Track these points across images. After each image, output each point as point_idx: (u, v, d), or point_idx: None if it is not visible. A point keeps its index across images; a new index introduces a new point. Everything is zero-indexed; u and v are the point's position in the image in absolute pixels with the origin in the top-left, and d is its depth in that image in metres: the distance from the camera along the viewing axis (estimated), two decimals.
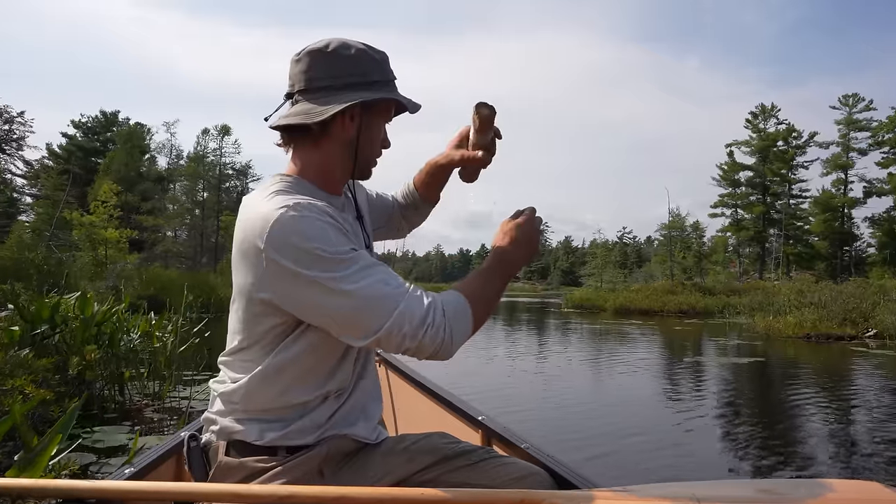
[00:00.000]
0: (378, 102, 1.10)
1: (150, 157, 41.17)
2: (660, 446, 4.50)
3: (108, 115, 44.32)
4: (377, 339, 0.97)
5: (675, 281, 30.52)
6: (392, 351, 1.00)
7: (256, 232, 0.98)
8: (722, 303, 23.65)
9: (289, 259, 0.96)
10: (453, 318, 1.01)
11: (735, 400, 6.67)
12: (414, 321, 0.97)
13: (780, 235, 43.61)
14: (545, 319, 20.92)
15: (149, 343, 5.86)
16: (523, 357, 9.95)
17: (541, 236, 1.20)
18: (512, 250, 1.12)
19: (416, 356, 1.01)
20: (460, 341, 1.03)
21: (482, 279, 1.09)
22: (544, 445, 1.43)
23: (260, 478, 1.07)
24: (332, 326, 1.00)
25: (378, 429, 1.22)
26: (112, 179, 27.35)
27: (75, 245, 20.33)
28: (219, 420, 1.11)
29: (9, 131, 45.88)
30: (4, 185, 40.06)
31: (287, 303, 1.00)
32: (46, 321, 4.74)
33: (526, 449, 1.42)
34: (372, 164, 1.18)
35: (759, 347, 12.08)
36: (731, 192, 46.94)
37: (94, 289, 15.51)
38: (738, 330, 16.01)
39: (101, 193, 22.51)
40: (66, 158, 42.93)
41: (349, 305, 0.96)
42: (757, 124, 46.01)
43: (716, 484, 1.06)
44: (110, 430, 4.23)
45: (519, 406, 5.78)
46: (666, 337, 14.83)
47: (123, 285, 17.35)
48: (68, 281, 13.10)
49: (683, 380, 7.89)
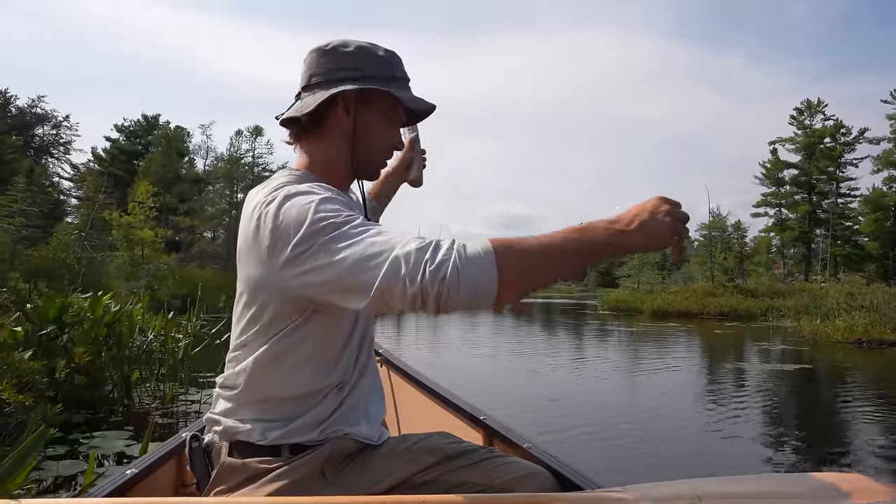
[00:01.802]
0: (371, 95, 1.10)
1: (189, 159, 42.02)
2: (695, 457, 4.13)
3: (150, 119, 45.43)
4: (379, 291, 0.86)
5: (715, 283, 29.58)
6: (402, 306, 0.87)
7: (258, 219, 0.99)
8: (765, 305, 22.78)
9: (290, 238, 0.94)
10: (464, 258, 0.85)
11: (780, 411, 6.19)
12: (410, 260, 0.85)
13: (826, 236, 41.96)
14: (580, 322, 20.42)
15: (163, 344, 5.73)
16: (555, 360, 9.58)
17: (662, 228, 0.94)
18: (605, 225, 0.93)
19: (426, 307, 0.85)
20: (474, 286, 0.85)
21: (537, 237, 0.91)
22: (546, 445, 1.41)
23: (262, 479, 1.04)
24: (335, 294, 0.92)
25: (381, 429, 1.21)
26: (150, 181, 27.88)
27: (112, 245, 20.73)
28: (221, 420, 1.09)
29: (56, 135, 47.68)
30: (52, 187, 41.54)
31: (291, 282, 0.95)
32: (53, 321, 4.62)
33: (528, 449, 1.41)
34: (378, 164, 1.18)
35: (805, 353, 11.43)
36: (775, 191, 45.39)
37: (128, 288, 15.75)
38: (782, 334, 15.31)
39: (138, 195, 22.93)
40: (109, 161, 44.19)
41: (346, 263, 0.89)
42: (802, 120, 44.40)
43: (718, 481, 1.03)
44: (111, 436, 4.07)
45: (553, 411, 5.46)
46: (705, 341, 14.24)
47: (158, 285, 17.61)
48: (102, 281, 13.27)
49: (724, 387, 7.41)
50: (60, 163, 48.02)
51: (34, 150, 45.22)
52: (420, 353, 10.08)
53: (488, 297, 0.86)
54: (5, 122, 41.09)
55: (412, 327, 15.65)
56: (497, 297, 0.87)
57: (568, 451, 4.24)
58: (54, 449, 3.71)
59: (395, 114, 1.16)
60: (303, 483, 1.05)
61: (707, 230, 34.41)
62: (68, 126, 47.81)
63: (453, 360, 9.51)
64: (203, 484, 1.10)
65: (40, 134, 47.11)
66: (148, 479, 1.37)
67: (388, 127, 1.16)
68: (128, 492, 1.29)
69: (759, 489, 0.97)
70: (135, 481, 1.32)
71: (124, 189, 33.89)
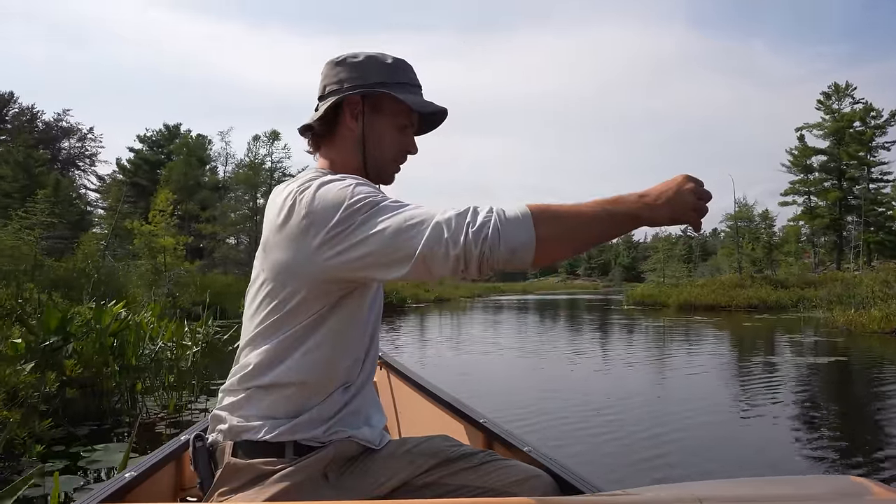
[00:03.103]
0: (380, 101, 1.15)
1: (212, 166, 42.41)
2: (722, 456, 3.88)
3: (171, 128, 45.97)
4: (422, 256, 0.92)
5: (743, 274, 28.90)
6: (444, 270, 0.92)
7: (291, 205, 1.02)
8: (796, 296, 22.17)
9: (329, 218, 0.98)
10: (504, 219, 0.92)
11: (813, 407, 5.88)
12: (451, 224, 0.92)
13: (858, 222, 40.76)
14: (605, 317, 20.07)
15: (173, 352, 5.64)
16: (581, 357, 9.34)
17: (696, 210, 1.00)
18: (653, 197, 0.98)
19: (468, 268, 0.91)
20: (514, 246, 0.92)
21: (571, 204, 0.98)
22: (546, 448, 1.40)
23: (266, 480, 1.05)
24: (376, 267, 0.97)
25: (382, 433, 1.22)
26: (171, 189, 28.15)
27: (134, 254, 20.94)
28: (227, 417, 1.09)
29: (81, 148, 48.58)
30: (78, 198, 42.31)
31: (329, 262, 0.99)
32: (56, 332, 4.55)
33: (528, 452, 1.40)
34: (389, 168, 1.20)
35: (839, 344, 11.00)
36: (804, 179, 44.24)
37: (151, 296, 15.85)
38: (814, 325, 14.83)
39: (159, 203, 23.13)
40: (133, 172, 44.85)
41: (387, 233, 0.94)
42: (830, 105, 43.19)
43: (719, 483, 1.04)
44: (113, 448, 3.96)
45: (578, 407, 5.24)
46: (734, 334, 13.83)
47: (179, 292, 17.72)
48: (122, 290, 13.35)
49: (754, 382, 7.09)
50: (87, 174, 49.06)
51: (61, 163, 46.16)
52: (444, 353, 9.94)
53: (527, 256, 0.92)
54: (32, 137, 42.00)
55: (435, 328, 15.47)
56: (535, 257, 0.93)
57: (597, 451, 4.03)
58: (52, 463, 3.61)
59: (406, 118, 1.18)
60: (305, 485, 1.06)
61: (733, 220, 33.60)
62: (93, 138, 48.78)
63: (481, 360, 9.34)
64: (207, 484, 1.10)
65: (66, 147, 48.10)
66: (147, 483, 1.35)
67: (399, 131, 1.18)
68: (125, 496, 1.27)
69: (762, 492, 0.95)
70: (132, 485, 1.29)
71: (148, 198, 34.32)
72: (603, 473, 3.70)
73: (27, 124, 44.89)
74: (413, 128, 1.21)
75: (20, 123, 45.11)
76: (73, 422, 4.48)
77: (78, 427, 4.41)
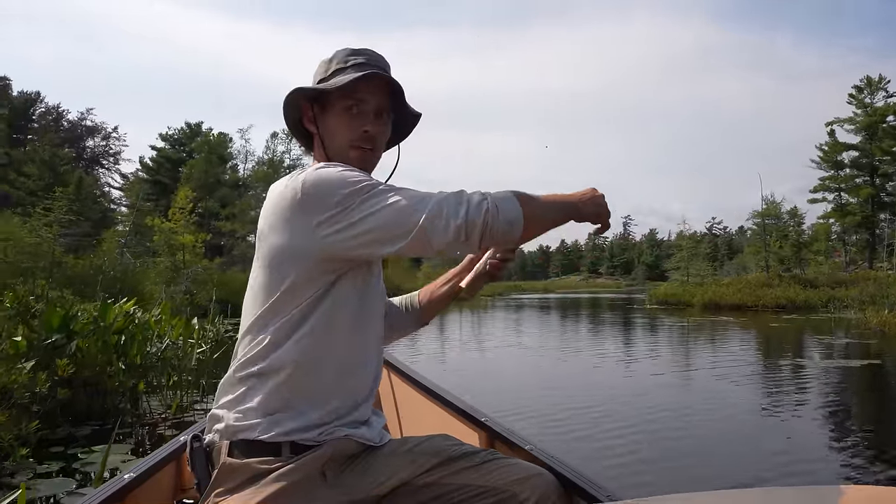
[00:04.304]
0: (327, 96, 1.18)
1: (232, 164, 42.70)
2: (748, 465, 3.62)
3: (193, 126, 46.38)
4: (422, 228, 0.99)
5: (770, 273, 28.22)
6: (443, 242, 1.00)
7: (290, 191, 1.05)
8: (826, 296, 21.53)
9: (330, 197, 1.02)
10: (496, 197, 1.04)
11: (846, 411, 5.56)
12: (450, 201, 1.01)
13: (892, 220, 39.60)
14: (627, 317, 19.69)
15: (180, 350, 5.51)
16: (603, 359, 9.08)
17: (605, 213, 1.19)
18: (579, 196, 1.16)
19: (469, 240, 1.01)
20: (509, 219, 1.03)
21: (540, 195, 1.11)
22: (548, 447, 1.40)
23: (263, 480, 1.05)
24: (375, 243, 1.02)
25: (382, 432, 1.22)
26: (192, 187, 28.35)
27: (153, 251, 21.09)
28: (223, 416, 1.10)
29: (105, 146, 49.30)
30: (102, 196, 42.94)
31: (328, 239, 1.03)
32: (59, 330, 4.43)
33: (529, 450, 1.41)
34: (350, 153, 1.18)
35: (872, 347, 10.56)
36: (834, 175, 43.06)
37: (169, 293, 15.90)
38: (845, 326, 14.33)
39: (179, 200, 23.28)
40: (156, 170, 45.36)
41: (388, 211, 1.00)
42: (862, 99, 41.99)
43: (722, 494, 1.00)
44: (114, 449, 3.82)
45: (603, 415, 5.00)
46: (761, 335, 13.42)
47: (197, 289, 17.77)
48: (138, 287, 13.37)
49: (782, 385, 6.77)
50: (111, 172, 49.78)
51: (86, 161, 46.89)
52: (466, 353, 9.74)
53: (517, 231, 1.04)
54: (58, 136, 42.73)
55: (455, 327, 15.29)
56: (523, 232, 1.05)
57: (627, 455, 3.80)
58: (48, 465, 3.49)
59: (348, 99, 1.17)
60: (303, 484, 1.06)
61: (760, 218, 32.85)
62: (117, 137, 49.48)
63: (508, 357, 9.13)
64: (204, 484, 1.10)
65: (91, 145, 48.83)
66: (146, 484, 1.36)
67: (348, 115, 1.18)
68: (124, 497, 1.26)
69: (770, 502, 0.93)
70: (131, 487, 1.29)
71: (170, 196, 34.65)
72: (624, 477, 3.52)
73: (52, 123, 45.67)
74: (366, 105, 1.18)
75: (46, 123, 45.92)
76: (76, 422, 4.38)
77: (79, 427, 4.30)
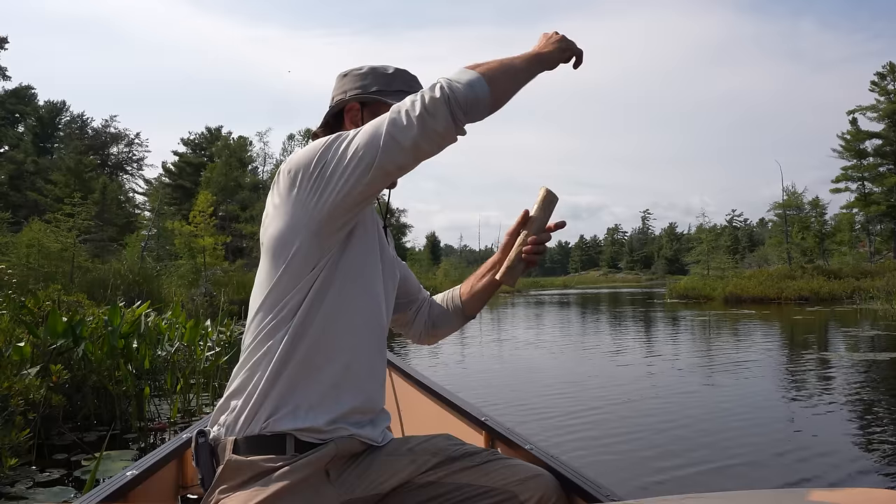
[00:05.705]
0: (378, 108, 1.21)
1: (252, 167, 43.05)
2: (769, 463, 3.50)
3: (213, 131, 46.86)
4: (388, 134, 1.02)
5: (793, 264, 27.71)
6: (412, 132, 1.01)
7: (277, 185, 1.12)
8: (850, 287, 21.15)
9: (308, 166, 1.07)
10: (451, 76, 1.05)
11: (872, 409, 5.38)
12: (405, 102, 1.04)
13: None
14: (647, 312, 19.43)
15: (190, 353, 5.51)
16: (622, 355, 8.94)
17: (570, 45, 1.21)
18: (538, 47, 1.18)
19: (437, 118, 1.01)
20: (468, 84, 1.04)
21: (498, 58, 1.12)
22: (549, 447, 1.39)
23: (266, 477, 1.05)
24: (355, 178, 1.04)
25: (384, 432, 1.23)
26: (212, 191, 28.63)
27: (175, 254, 21.32)
28: (228, 408, 1.11)
29: (129, 153, 50.00)
30: (127, 202, 43.55)
31: (322, 198, 1.06)
32: (64, 335, 4.44)
33: (530, 450, 1.41)
34: None
35: None
36: (857, 164, 42.11)
37: (190, 295, 16.05)
38: (871, 318, 14.00)
39: (200, 204, 23.51)
40: (178, 174, 45.92)
41: (358, 138, 1.05)
42: (885, 86, 41.00)
43: (722, 496, 1.01)
44: (115, 456, 3.82)
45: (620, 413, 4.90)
46: (785, 328, 13.15)
47: (217, 291, 17.91)
48: (158, 289, 13.51)
49: (806, 380, 6.58)
50: (135, 178, 50.50)
51: (110, 168, 47.59)
52: (488, 352, 9.68)
53: (483, 91, 1.03)
54: (83, 143, 43.41)
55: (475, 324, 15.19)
56: (491, 92, 1.05)
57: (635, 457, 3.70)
58: (50, 473, 3.48)
59: None
60: (307, 483, 1.06)
61: (782, 209, 32.24)
62: (139, 143, 50.19)
63: (531, 357, 9.05)
64: (208, 481, 1.10)
65: (115, 152, 49.54)
66: (148, 482, 1.36)
67: None
68: (127, 494, 1.26)
69: None
70: (133, 484, 1.30)
71: (191, 200, 35.05)
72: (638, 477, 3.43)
73: (78, 131, 46.43)
74: None
75: (71, 131, 46.72)
76: (83, 427, 4.39)
77: (87, 433, 4.31)
